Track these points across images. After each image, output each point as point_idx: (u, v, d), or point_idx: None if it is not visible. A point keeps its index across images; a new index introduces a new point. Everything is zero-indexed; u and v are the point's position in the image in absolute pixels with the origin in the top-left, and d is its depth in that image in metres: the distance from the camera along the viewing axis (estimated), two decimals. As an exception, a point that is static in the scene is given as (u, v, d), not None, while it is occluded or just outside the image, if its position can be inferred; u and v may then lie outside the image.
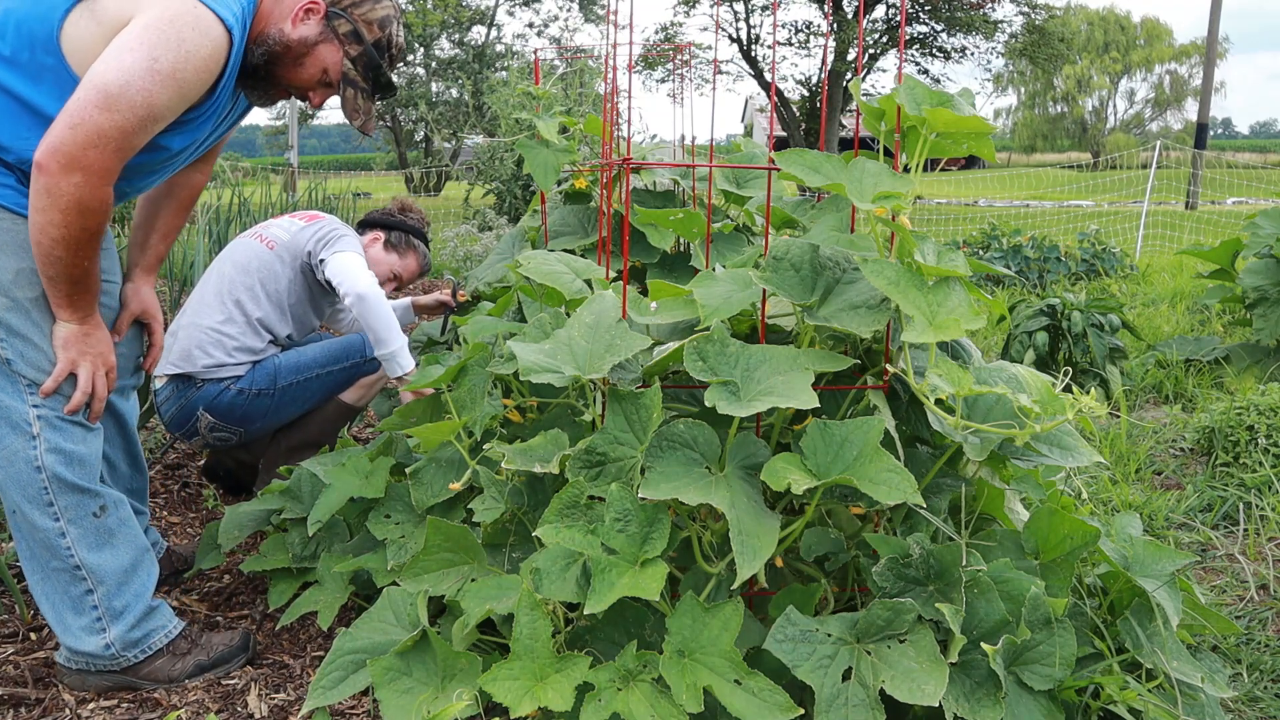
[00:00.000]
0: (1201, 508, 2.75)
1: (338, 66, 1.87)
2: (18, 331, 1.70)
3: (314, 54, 1.84)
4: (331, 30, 1.85)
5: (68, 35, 1.63)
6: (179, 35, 1.61)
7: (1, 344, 1.69)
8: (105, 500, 1.81)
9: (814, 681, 1.39)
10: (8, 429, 1.72)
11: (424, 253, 3.07)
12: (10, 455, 1.72)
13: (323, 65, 1.86)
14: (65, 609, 1.79)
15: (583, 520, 1.50)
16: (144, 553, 1.87)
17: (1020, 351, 3.93)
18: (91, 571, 1.78)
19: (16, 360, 1.70)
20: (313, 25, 1.83)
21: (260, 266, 2.65)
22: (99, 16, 1.63)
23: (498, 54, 19.59)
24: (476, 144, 11.42)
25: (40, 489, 1.73)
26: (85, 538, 1.77)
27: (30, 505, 1.74)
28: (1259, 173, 20.52)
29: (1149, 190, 11.02)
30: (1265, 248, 4.14)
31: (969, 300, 1.49)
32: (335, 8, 1.85)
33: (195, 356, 2.56)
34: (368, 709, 1.77)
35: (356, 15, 1.86)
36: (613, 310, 1.68)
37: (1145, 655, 1.62)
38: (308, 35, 1.82)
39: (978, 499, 1.72)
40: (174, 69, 1.60)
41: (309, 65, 1.85)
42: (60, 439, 1.75)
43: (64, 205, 1.59)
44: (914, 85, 1.56)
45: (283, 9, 1.82)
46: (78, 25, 1.63)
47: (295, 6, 1.82)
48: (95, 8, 1.63)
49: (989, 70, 27.83)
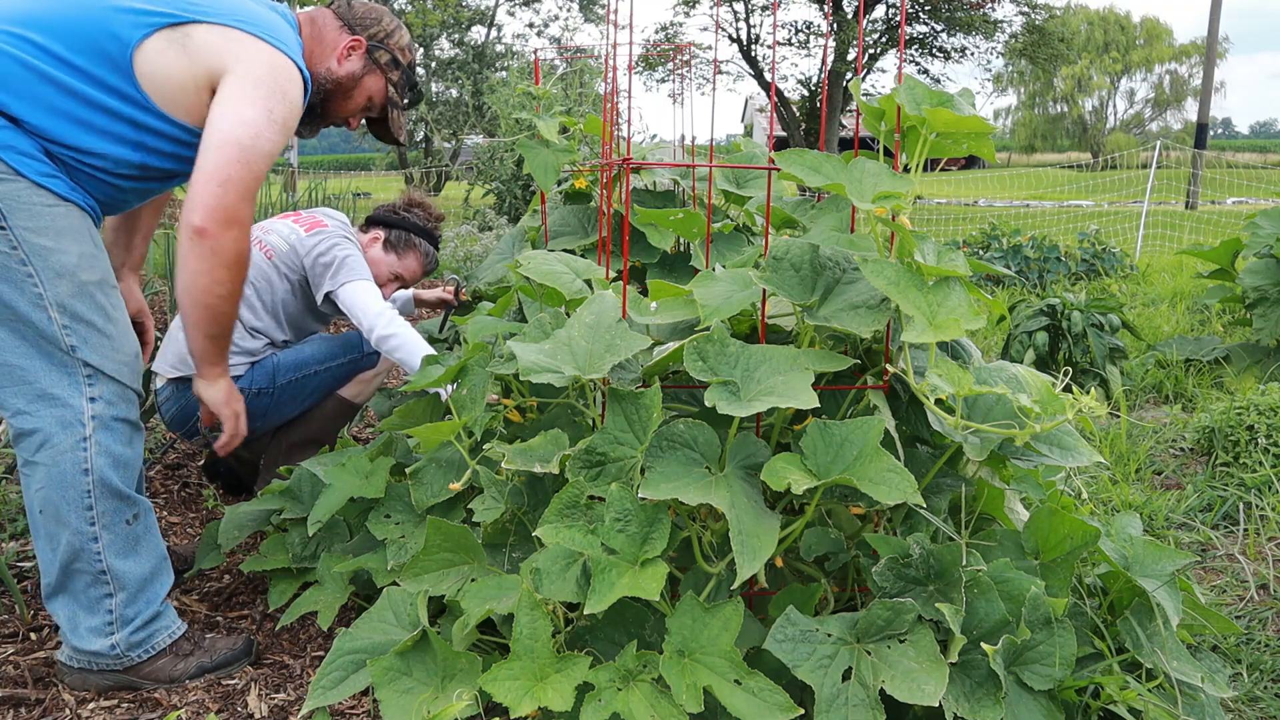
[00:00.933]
0: (1201, 508, 2.75)
1: (382, 93, 2.06)
2: (83, 317, 1.71)
3: (361, 86, 2.03)
4: (374, 62, 2.03)
5: (146, 57, 1.69)
6: (281, 87, 1.75)
7: (66, 330, 1.69)
8: (139, 508, 1.82)
9: (814, 681, 1.39)
10: (58, 427, 1.70)
11: (426, 251, 2.97)
12: (57, 455, 1.70)
13: (368, 94, 2.05)
14: (79, 609, 1.78)
15: (583, 520, 1.50)
16: (163, 561, 1.88)
17: (1020, 351, 3.93)
18: (115, 577, 1.78)
19: (81, 346, 1.70)
20: (356, 60, 2.01)
21: (257, 276, 2.64)
22: (191, 53, 1.71)
23: (498, 54, 19.60)
24: (476, 144, 11.43)
25: (83, 492, 1.72)
26: (115, 544, 1.77)
27: (69, 507, 1.72)
28: (1259, 173, 20.52)
29: (1149, 190, 11.02)
30: (1265, 248, 4.14)
31: (969, 300, 1.49)
32: (374, 40, 2.02)
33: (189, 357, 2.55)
34: (368, 709, 1.77)
35: (392, 45, 2.05)
36: (613, 310, 1.68)
37: (1145, 655, 1.62)
38: (355, 70, 2.01)
39: (978, 499, 1.72)
40: (284, 118, 1.76)
41: (357, 96, 2.04)
42: (112, 441, 1.74)
43: (228, 260, 1.73)
44: (914, 85, 1.56)
45: (324, 49, 1.99)
46: (163, 53, 1.70)
47: (338, 45, 1.99)
48: (187, 43, 1.70)
49: (989, 70, 27.85)
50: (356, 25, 2.02)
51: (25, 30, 1.66)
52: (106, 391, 1.73)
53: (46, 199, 1.67)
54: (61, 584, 1.77)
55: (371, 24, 2.03)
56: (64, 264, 1.68)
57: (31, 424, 1.70)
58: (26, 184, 1.65)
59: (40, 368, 1.69)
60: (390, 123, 2.09)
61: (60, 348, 1.69)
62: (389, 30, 2.05)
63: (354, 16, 2.03)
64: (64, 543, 1.74)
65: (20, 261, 1.65)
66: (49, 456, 1.70)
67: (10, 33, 1.66)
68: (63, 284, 1.68)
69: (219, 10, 1.75)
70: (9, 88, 1.65)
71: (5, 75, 1.64)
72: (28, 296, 1.66)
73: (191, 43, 1.71)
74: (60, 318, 1.68)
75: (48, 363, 1.69)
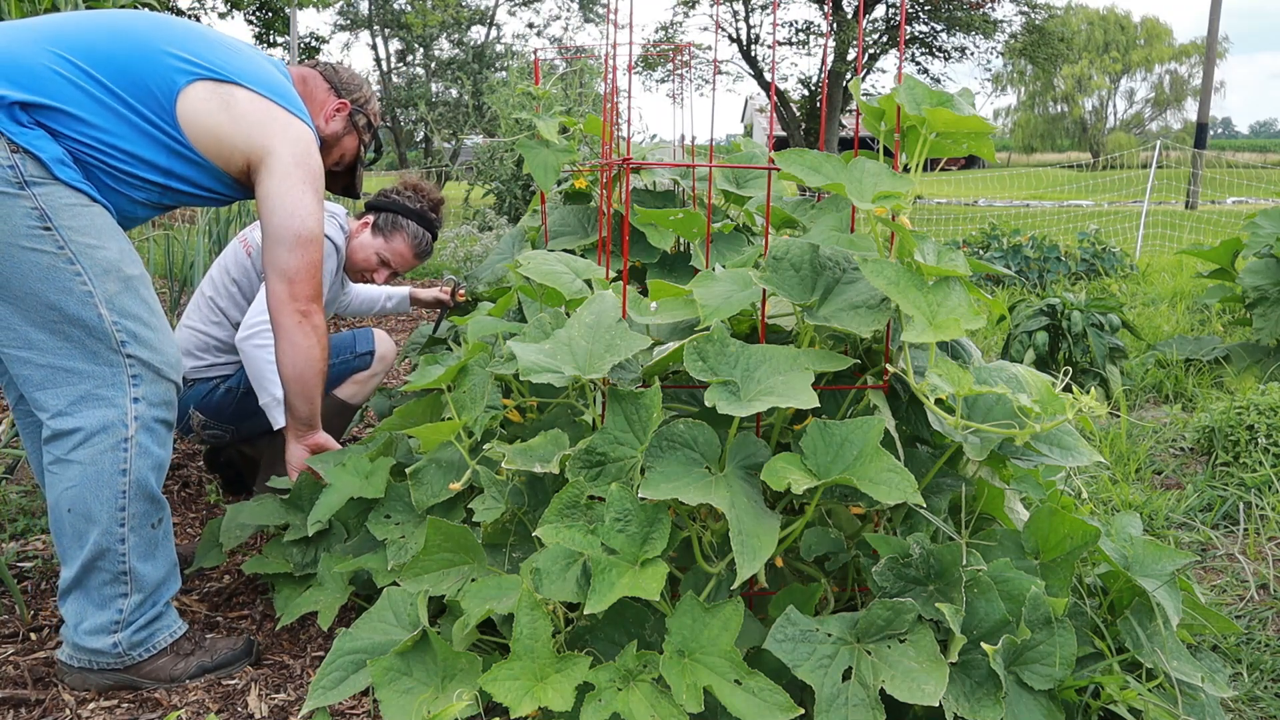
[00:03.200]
0: (1201, 507, 2.75)
1: (354, 151, 2.26)
2: (131, 313, 1.74)
3: (340, 144, 2.21)
4: (353, 125, 2.21)
5: (189, 104, 1.80)
6: (315, 160, 1.93)
7: (117, 326, 1.72)
8: (164, 513, 1.84)
9: (814, 681, 1.39)
10: (99, 427, 1.71)
11: (415, 233, 2.85)
12: (96, 454, 1.71)
13: (343, 152, 2.23)
14: (90, 605, 1.78)
15: (583, 520, 1.50)
16: (174, 566, 1.89)
17: (1020, 351, 3.93)
18: (135, 579, 1.79)
19: (131, 342, 1.73)
20: (340, 121, 2.18)
21: (241, 274, 2.66)
22: (235, 117, 1.84)
23: (498, 54, 19.59)
24: (476, 144, 11.42)
25: (119, 492, 1.73)
26: (140, 546, 1.79)
27: (102, 506, 1.73)
28: (1259, 172, 20.52)
29: (1149, 190, 11.02)
30: (1265, 247, 4.14)
31: (969, 300, 1.49)
32: (355, 105, 2.21)
33: (186, 356, 2.59)
34: (368, 709, 1.77)
35: (369, 110, 2.24)
36: (613, 310, 1.68)
37: (1145, 655, 1.62)
38: (337, 130, 2.18)
39: (978, 499, 1.72)
40: (318, 188, 1.94)
41: (334, 153, 2.21)
42: (152, 442, 1.77)
43: (320, 336, 1.98)
44: (914, 85, 1.56)
45: (314, 107, 2.14)
46: (207, 103, 1.82)
47: (326, 105, 2.16)
48: (232, 105, 1.84)
49: (989, 70, 27.84)
50: (343, 90, 2.19)
51: (76, 58, 1.73)
52: (150, 392, 1.76)
53: (81, 200, 1.71)
54: (79, 580, 1.77)
55: (355, 90, 2.21)
56: (109, 260, 1.72)
57: (72, 424, 1.71)
58: (62, 186, 1.69)
59: (87, 369, 1.71)
60: (356, 177, 2.30)
61: (110, 345, 1.72)
62: (367, 97, 2.24)
63: (340, 81, 2.19)
64: (91, 541, 1.74)
65: (68, 260, 1.67)
66: (87, 455, 1.71)
67: (64, 57, 1.72)
68: (110, 280, 1.71)
69: (253, 77, 1.88)
70: (48, 92, 1.69)
71: (49, 86, 1.70)
72: (76, 295, 1.68)
73: (236, 107, 1.84)
74: (110, 314, 1.71)
75: (94, 363, 1.71)
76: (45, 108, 1.69)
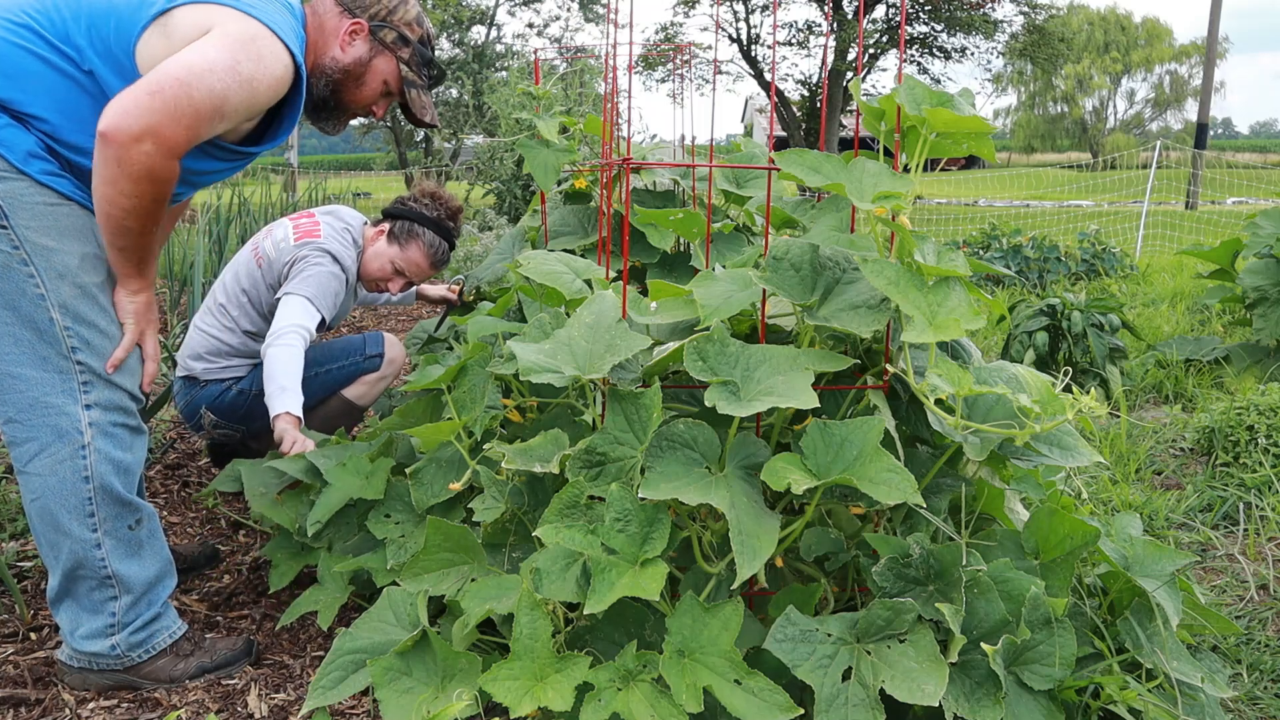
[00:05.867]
0: (1201, 508, 2.75)
1: (396, 74, 1.96)
2: (86, 319, 1.68)
3: (372, 70, 1.93)
4: (380, 42, 1.93)
5: (141, 53, 1.65)
6: (259, 51, 1.65)
7: (68, 332, 1.66)
8: (142, 513, 1.80)
9: (814, 681, 1.39)
10: (53, 436, 1.67)
11: (431, 242, 2.81)
12: (54, 464, 1.67)
13: (382, 77, 1.95)
14: (82, 612, 1.78)
15: (583, 520, 1.50)
16: (168, 565, 1.87)
17: (1020, 351, 3.93)
18: (121, 581, 1.77)
19: (83, 349, 1.68)
20: (361, 44, 1.91)
21: (251, 285, 2.68)
22: (170, 34, 1.64)
23: (498, 54, 19.57)
24: (476, 144, 11.42)
25: (84, 499, 1.70)
26: (119, 549, 1.76)
27: (70, 515, 1.70)
28: (1259, 173, 20.51)
29: (1149, 190, 11.01)
30: (1265, 248, 4.13)
31: (969, 300, 1.49)
32: (376, 20, 1.92)
33: (197, 360, 2.68)
34: (368, 709, 1.77)
35: (397, 21, 1.94)
36: (613, 310, 1.68)
37: (1145, 655, 1.62)
38: (361, 55, 1.91)
39: (978, 499, 1.72)
40: (251, 77, 1.64)
41: (370, 81, 1.94)
42: (112, 447, 1.71)
43: (134, 174, 1.57)
44: (914, 85, 1.56)
45: (327, 38, 1.90)
46: (149, 43, 1.64)
47: (339, 30, 1.90)
48: (167, 27, 1.65)
49: (989, 70, 27.80)
50: (355, 7, 1.92)
51: (33, 21, 1.64)
52: (103, 397, 1.71)
53: (49, 198, 1.65)
54: (66, 589, 1.77)
55: (371, 3, 1.92)
56: (66, 264, 1.66)
57: (24, 433, 1.67)
58: (29, 183, 1.63)
59: (35, 375, 1.66)
60: (411, 104, 1.98)
61: (60, 351, 1.66)
62: (390, 7, 1.94)
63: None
64: (66, 551, 1.72)
65: (22, 261, 1.62)
66: (45, 466, 1.68)
67: (17, 23, 1.63)
68: (65, 285, 1.65)
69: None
70: (15, 81, 1.62)
71: (11, 68, 1.62)
72: (29, 297, 1.63)
73: (171, 24, 1.64)
74: (63, 319, 1.66)
75: (43, 369, 1.66)
76: (12, 100, 1.61)
